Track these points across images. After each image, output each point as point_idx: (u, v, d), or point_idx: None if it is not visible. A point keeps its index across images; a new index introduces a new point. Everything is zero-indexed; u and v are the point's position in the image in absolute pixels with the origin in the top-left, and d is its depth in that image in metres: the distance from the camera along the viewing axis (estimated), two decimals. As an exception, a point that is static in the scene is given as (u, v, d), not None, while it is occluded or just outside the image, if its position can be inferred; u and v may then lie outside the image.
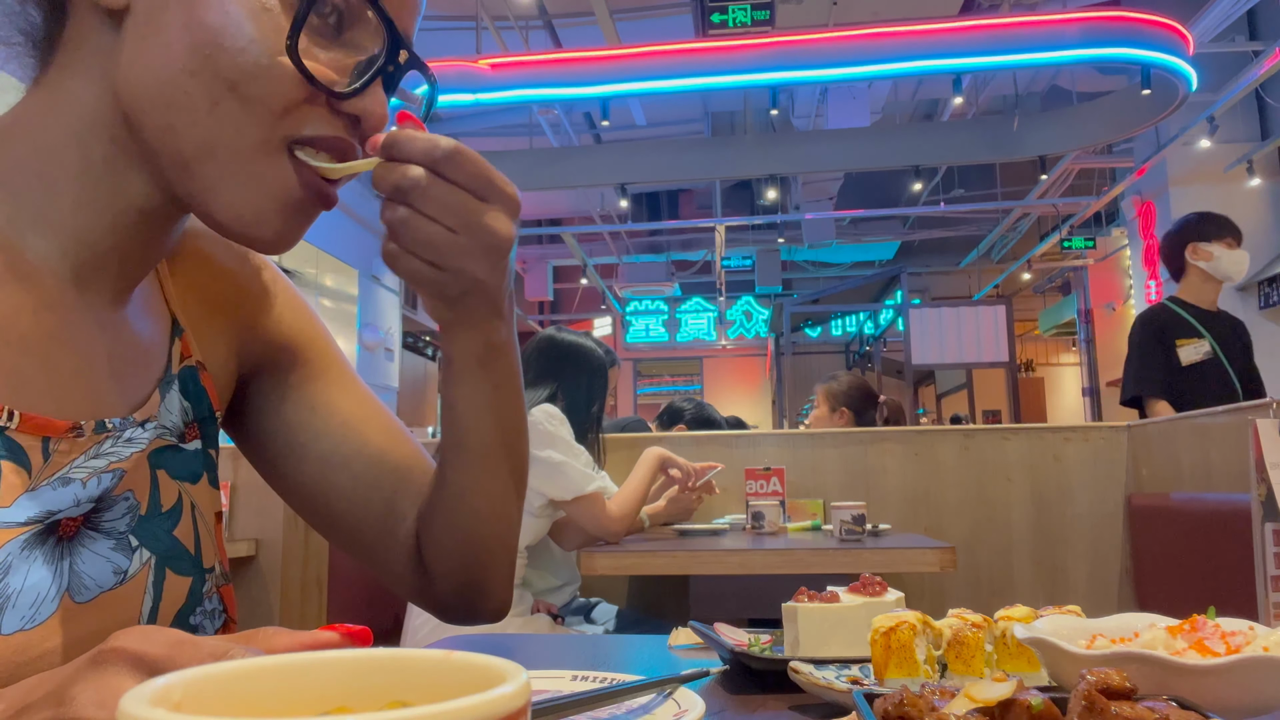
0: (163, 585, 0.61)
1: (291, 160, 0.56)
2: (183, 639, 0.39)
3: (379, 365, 9.28)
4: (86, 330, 0.59)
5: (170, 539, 0.62)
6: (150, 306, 0.66)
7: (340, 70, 0.56)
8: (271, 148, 0.55)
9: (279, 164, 0.56)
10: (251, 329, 0.74)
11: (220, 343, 0.71)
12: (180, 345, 0.67)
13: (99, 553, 0.57)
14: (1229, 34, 6.93)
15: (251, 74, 0.53)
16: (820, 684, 0.65)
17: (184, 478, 0.65)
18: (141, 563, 0.60)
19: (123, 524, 0.59)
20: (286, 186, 0.56)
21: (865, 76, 6.30)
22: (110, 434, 0.59)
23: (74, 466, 0.56)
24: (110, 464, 0.58)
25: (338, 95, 0.55)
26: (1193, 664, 0.52)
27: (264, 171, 0.55)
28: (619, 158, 8.38)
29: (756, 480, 2.57)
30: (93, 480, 0.57)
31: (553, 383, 2.18)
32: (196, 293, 0.70)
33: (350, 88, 0.56)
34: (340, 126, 0.57)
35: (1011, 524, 2.84)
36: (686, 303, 14.42)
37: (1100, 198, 9.26)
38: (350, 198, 8.69)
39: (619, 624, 2.32)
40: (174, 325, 0.67)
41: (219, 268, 0.72)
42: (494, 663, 0.32)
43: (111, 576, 0.58)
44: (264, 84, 0.53)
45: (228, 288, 0.72)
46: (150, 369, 0.64)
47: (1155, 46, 5.72)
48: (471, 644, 1.05)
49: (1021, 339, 13.24)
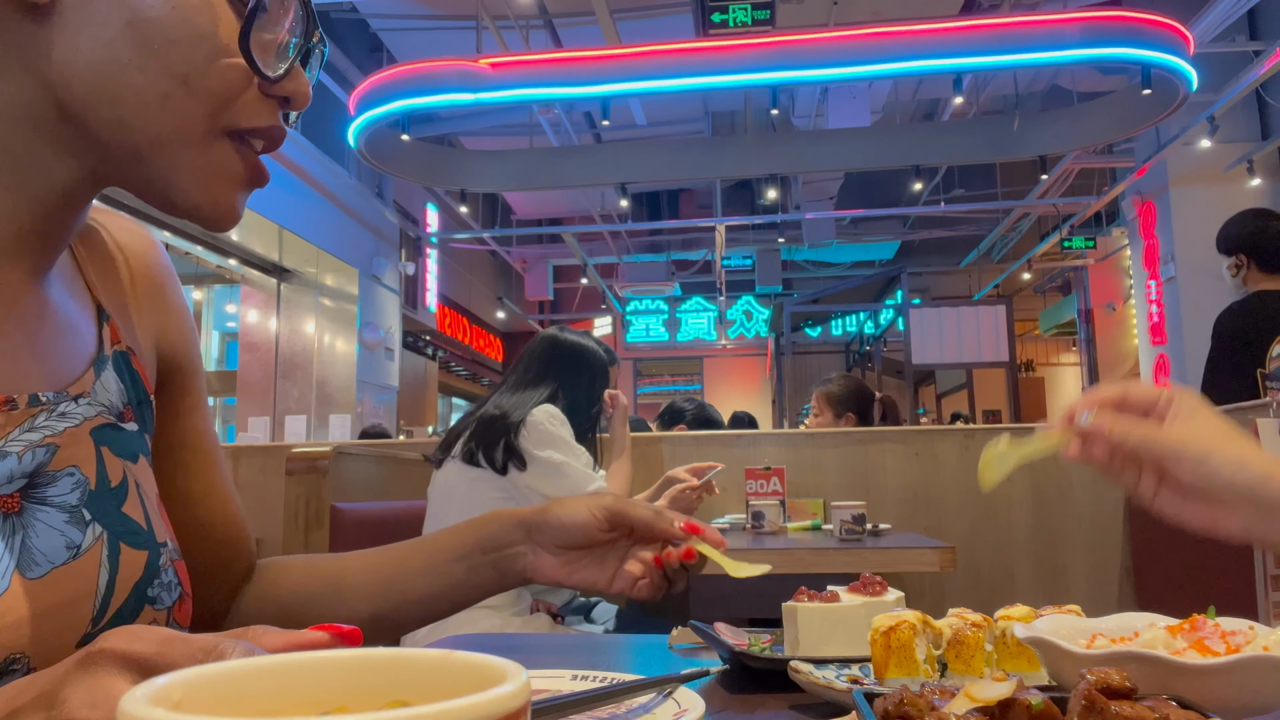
0: (118, 559, 0.61)
1: (234, 144, 0.59)
2: (170, 635, 0.39)
3: (379, 365, 9.28)
4: (9, 309, 0.60)
5: (120, 514, 0.63)
6: (74, 290, 0.67)
7: (269, 53, 0.58)
8: (216, 136, 0.58)
9: (224, 150, 0.58)
10: (162, 334, 0.75)
11: (142, 336, 0.72)
12: (110, 329, 0.68)
13: (53, 525, 0.58)
14: (1229, 34, 6.92)
15: (202, 69, 0.55)
16: (820, 684, 0.65)
17: (126, 456, 0.65)
18: (95, 537, 0.60)
19: (73, 498, 0.60)
20: (234, 170, 0.59)
21: (865, 76, 6.30)
22: (44, 408, 0.60)
23: (9, 440, 0.57)
24: (45, 438, 0.59)
25: (272, 79, 0.57)
26: (1193, 664, 0.52)
27: (213, 158, 0.58)
28: (619, 157, 8.37)
29: (756, 480, 2.57)
30: (28, 454, 0.58)
31: (554, 383, 2.18)
32: (114, 285, 0.71)
33: (279, 71, 0.58)
34: (273, 111, 0.59)
35: (1011, 524, 2.84)
36: (686, 302, 14.42)
37: (1100, 198, 9.26)
38: (351, 197, 8.69)
39: (619, 624, 2.32)
40: (99, 311, 0.68)
41: (134, 265, 0.74)
42: (494, 662, 0.32)
43: (64, 551, 0.58)
44: (213, 77, 0.55)
45: (143, 286, 0.74)
46: (80, 347, 0.65)
47: (1155, 46, 5.72)
48: (471, 644, 1.05)
49: (1021, 339, 13.24)
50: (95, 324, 0.67)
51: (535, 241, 13.31)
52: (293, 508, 1.96)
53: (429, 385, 12.41)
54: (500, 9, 7.11)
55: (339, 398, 8.62)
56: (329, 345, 8.77)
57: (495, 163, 8.37)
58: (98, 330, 0.67)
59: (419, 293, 10.94)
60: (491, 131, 9.39)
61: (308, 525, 1.95)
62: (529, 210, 12.22)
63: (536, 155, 8.41)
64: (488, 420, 2.06)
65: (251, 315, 8.68)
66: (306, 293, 8.76)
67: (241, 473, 3.10)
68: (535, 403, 2.08)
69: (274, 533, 3.01)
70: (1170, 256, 8.13)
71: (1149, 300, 8.63)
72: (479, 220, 11.12)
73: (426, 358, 12.20)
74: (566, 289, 14.88)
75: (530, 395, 2.12)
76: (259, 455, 3.13)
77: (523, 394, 2.14)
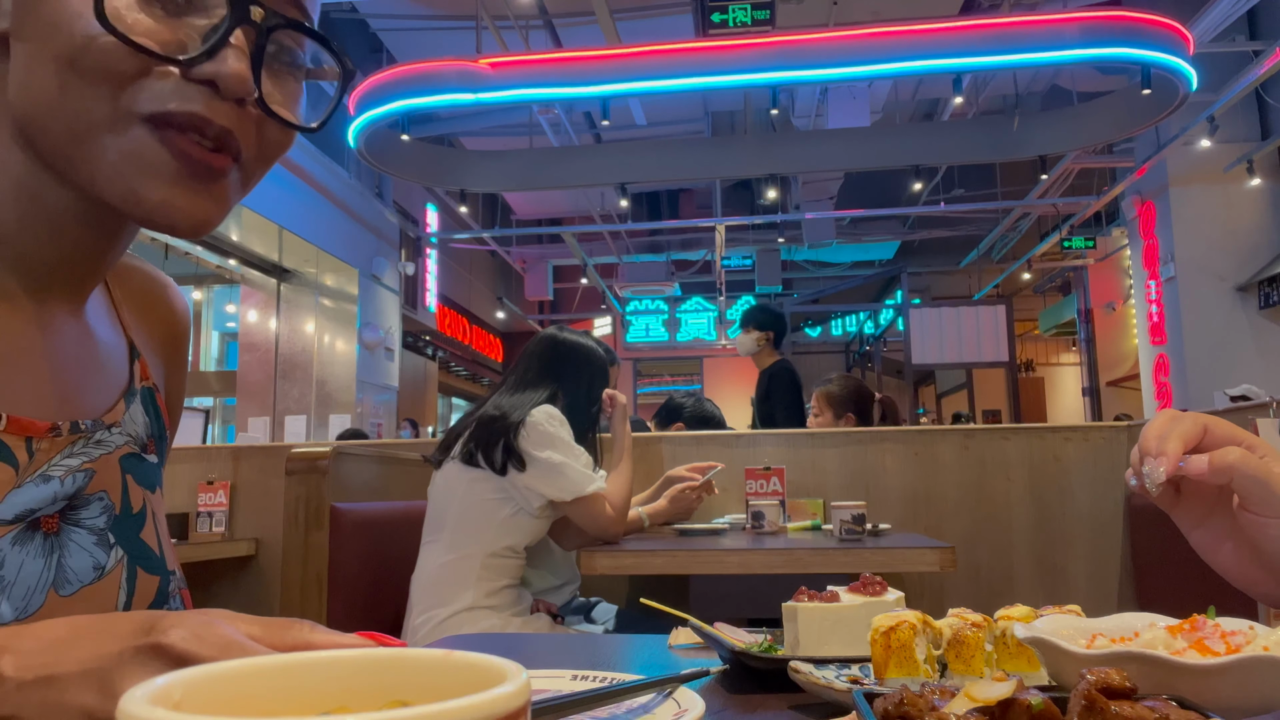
0: (135, 582, 0.65)
1: (154, 131, 0.55)
2: (231, 643, 0.40)
3: (379, 365, 9.28)
4: (52, 338, 0.63)
5: (139, 540, 0.66)
6: (110, 324, 0.71)
7: (188, 40, 0.55)
8: (125, 121, 0.55)
9: (140, 136, 0.55)
10: (168, 386, 0.78)
11: (159, 377, 0.76)
12: (139, 365, 0.72)
13: (83, 546, 0.61)
14: (1229, 34, 6.93)
15: (82, 45, 0.53)
16: (820, 683, 0.65)
17: (146, 485, 0.69)
18: (116, 560, 0.64)
19: (101, 521, 0.63)
20: (156, 158, 0.55)
21: (865, 76, 6.30)
22: (83, 435, 0.63)
23: (52, 465, 0.60)
24: (83, 463, 0.62)
25: (176, 61, 0.54)
26: (1193, 664, 0.52)
27: (128, 146, 0.55)
28: (619, 158, 8.37)
29: (756, 480, 2.57)
30: (69, 478, 0.61)
31: (553, 383, 2.18)
32: (143, 326, 0.75)
33: (192, 52, 0.54)
34: (197, 100, 0.55)
35: (1011, 524, 2.84)
36: (686, 302, 14.41)
37: (1100, 198, 9.26)
38: (350, 197, 8.69)
39: (619, 624, 2.32)
40: (131, 347, 0.72)
41: (161, 314, 0.77)
42: (494, 662, 0.32)
43: (91, 571, 0.61)
44: (94, 53, 0.53)
45: (162, 336, 0.77)
46: (114, 379, 0.68)
47: (1155, 46, 5.72)
48: (471, 644, 1.05)
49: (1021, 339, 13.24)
50: (127, 358, 0.71)
51: (535, 241, 13.30)
52: (292, 508, 1.96)
53: (429, 385, 12.41)
54: (500, 9, 7.11)
55: (339, 398, 8.62)
56: (329, 345, 8.77)
57: (495, 163, 8.36)
58: (129, 364, 0.71)
59: (419, 293, 10.94)
60: (491, 131, 9.39)
61: (307, 525, 1.95)
62: (529, 210, 12.22)
63: (536, 155, 8.41)
64: (487, 421, 2.06)
65: (251, 315, 8.68)
66: (306, 293, 8.76)
67: (242, 473, 3.09)
68: (535, 403, 2.08)
69: (274, 533, 3.01)
70: (1170, 256, 8.13)
71: (1149, 300, 8.64)
72: (479, 220, 11.12)
73: (426, 358, 12.20)
74: (566, 289, 14.88)
75: (530, 396, 2.12)
76: (259, 455, 3.12)
77: (522, 394, 2.13)
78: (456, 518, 2.02)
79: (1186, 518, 0.74)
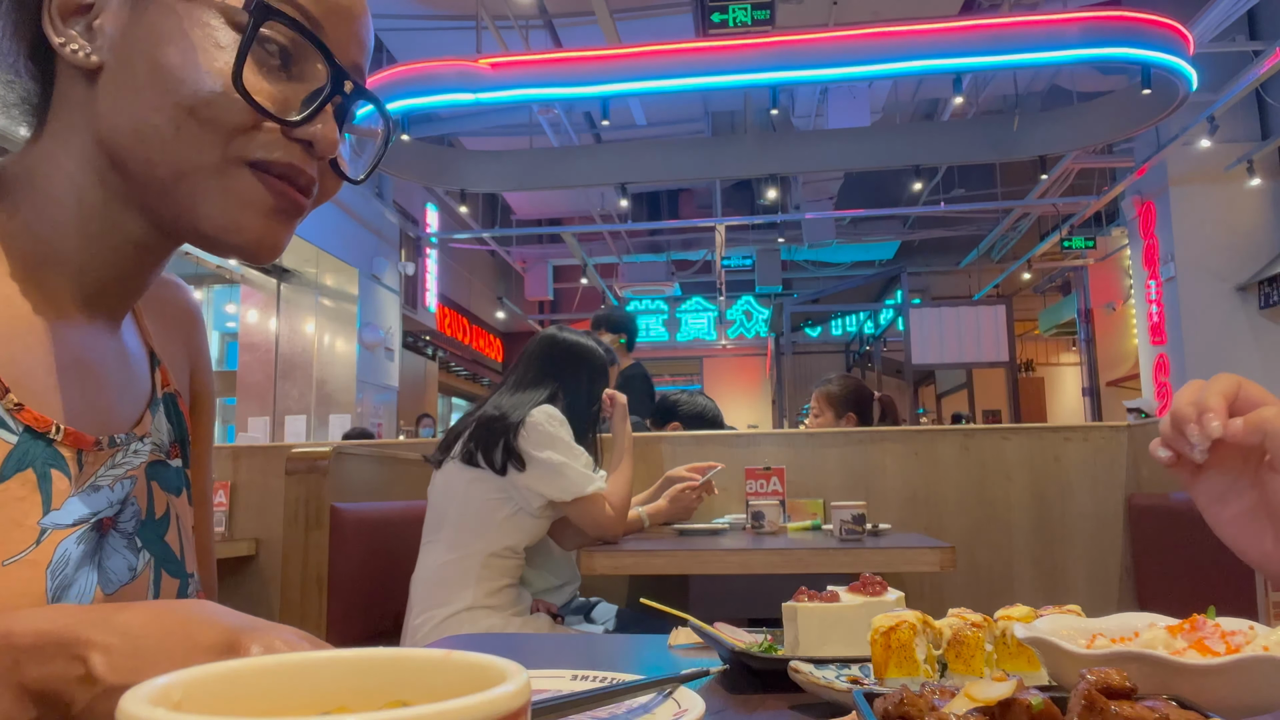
0: (160, 584, 0.69)
1: (256, 174, 0.63)
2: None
3: (379, 365, 9.28)
4: (97, 354, 0.68)
5: (163, 544, 0.71)
6: (134, 334, 0.75)
7: (291, 101, 0.63)
8: (232, 165, 0.62)
9: (243, 177, 0.62)
10: (193, 373, 0.83)
11: (178, 377, 0.80)
12: (161, 373, 0.76)
13: (118, 549, 0.66)
14: (1229, 34, 6.93)
15: (206, 100, 0.60)
16: (820, 683, 0.65)
17: (171, 490, 0.74)
18: (144, 562, 0.68)
19: (130, 525, 0.68)
20: (256, 196, 0.63)
21: (865, 76, 6.31)
22: (120, 447, 0.68)
23: (99, 475, 0.65)
24: (126, 471, 0.68)
25: (286, 122, 0.62)
26: (1193, 664, 0.52)
27: (231, 185, 0.62)
28: (619, 158, 8.37)
29: (756, 480, 2.57)
30: (117, 485, 0.67)
31: (553, 383, 2.17)
32: (160, 329, 0.79)
33: (299, 116, 0.63)
34: (295, 153, 0.64)
35: (1011, 524, 2.84)
36: (686, 302, 14.42)
37: (1100, 197, 9.27)
38: (351, 198, 8.69)
39: (619, 623, 2.32)
40: (151, 355, 0.76)
41: (169, 309, 0.81)
42: (494, 662, 0.32)
43: (127, 573, 0.66)
44: (216, 108, 0.60)
45: (174, 328, 0.81)
46: (140, 389, 0.73)
47: (1155, 46, 5.72)
48: (471, 644, 1.05)
49: (1021, 339, 13.24)
50: (149, 367, 0.75)
51: (535, 241, 13.30)
52: (293, 508, 1.96)
53: (429, 385, 12.41)
54: (500, 9, 7.11)
55: (339, 398, 8.62)
56: (329, 345, 8.77)
57: (495, 163, 8.36)
58: (151, 373, 0.75)
59: (419, 293, 10.94)
60: (491, 131, 9.39)
61: (308, 525, 1.96)
62: (529, 210, 12.21)
63: (536, 155, 8.41)
64: (487, 421, 2.06)
65: (251, 315, 8.68)
66: (306, 293, 8.76)
67: (242, 473, 3.09)
68: (534, 403, 2.08)
69: (274, 533, 3.01)
70: (1170, 256, 8.13)
71: (1149, 300, 8.64)
72: (479, 220, 11.12)
73: (426, 358, 12.20)
74: (566, 289, 14.87)
75: (530, 396, 2.12)
76: (259, 455, 3.12)
77: (522, 394, 2.13)
78: (456, 518, 2.02)
79: (1208, 491, 0.73)
